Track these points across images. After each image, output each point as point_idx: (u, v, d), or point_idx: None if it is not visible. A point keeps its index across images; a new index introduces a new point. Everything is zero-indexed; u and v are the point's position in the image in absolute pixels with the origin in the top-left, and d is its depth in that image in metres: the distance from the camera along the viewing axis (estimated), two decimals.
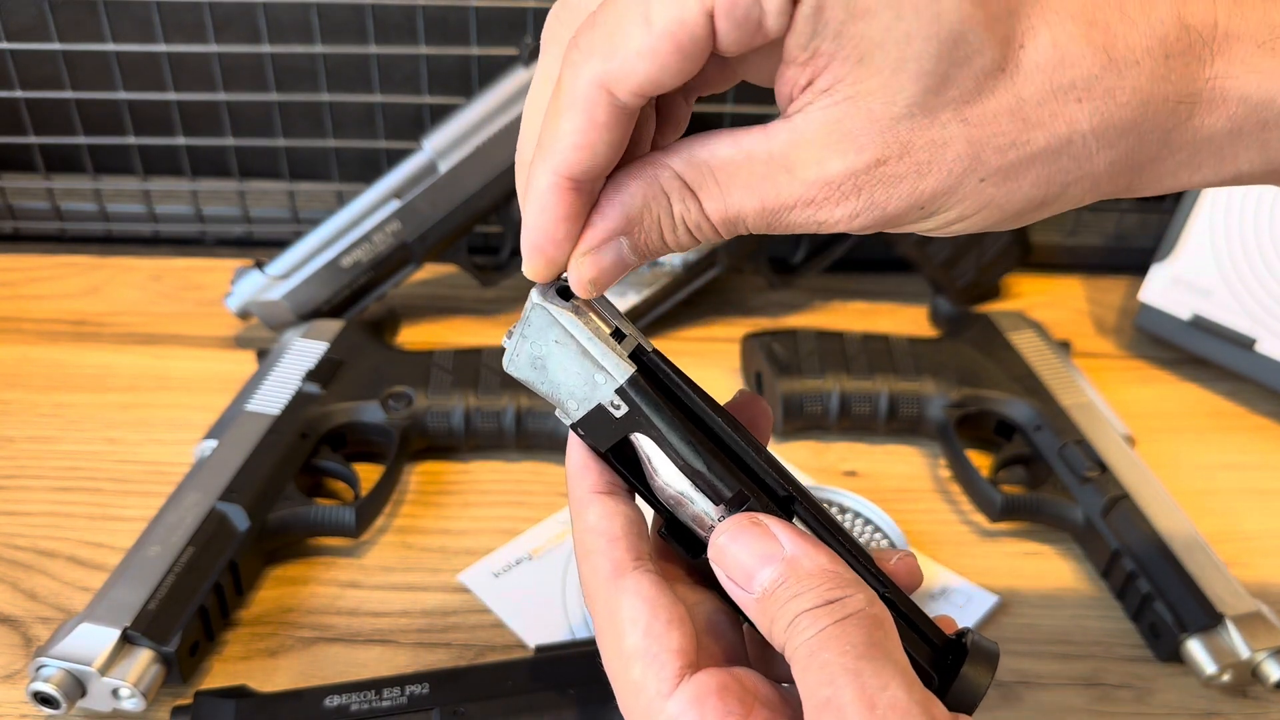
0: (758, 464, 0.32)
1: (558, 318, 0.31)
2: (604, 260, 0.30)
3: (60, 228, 0.83)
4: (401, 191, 0.72)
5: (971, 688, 0.31)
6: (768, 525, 0.31)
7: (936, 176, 0.28)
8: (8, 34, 0.76)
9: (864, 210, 0.29)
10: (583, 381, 0.32)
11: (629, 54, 0.27)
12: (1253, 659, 0.50)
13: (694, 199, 0.30)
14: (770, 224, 0.30)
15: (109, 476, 0.62)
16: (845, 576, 0.30)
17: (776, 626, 0.30)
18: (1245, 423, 0.71)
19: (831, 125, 0.28)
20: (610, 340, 0.32)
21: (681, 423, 0.32)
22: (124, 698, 0.47)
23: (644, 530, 0.34)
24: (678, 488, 0.32)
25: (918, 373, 0.67)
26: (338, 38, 0.78)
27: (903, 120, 0.27)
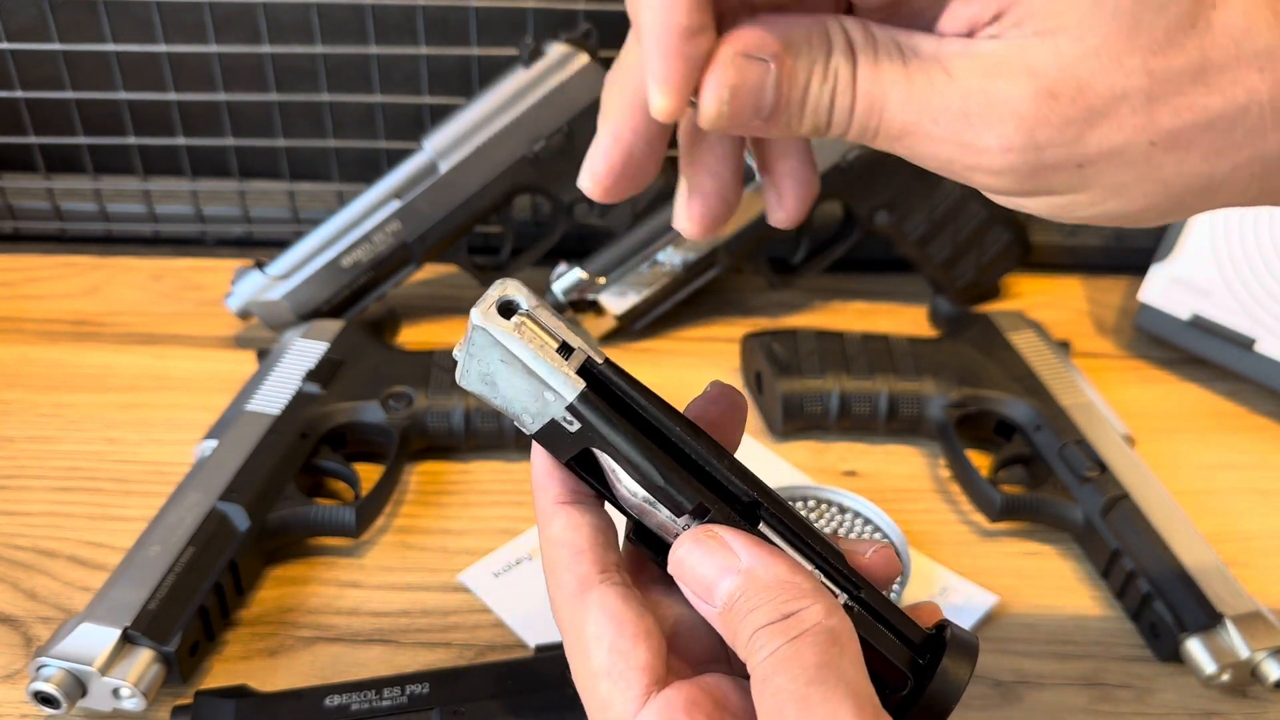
0: (719, 471, 0.32)
1: (499, 338, 0.30)
2: (750, 73, 0.27)
3: (60, 228, 0.83)
4: (402, 192, 0.72)
5: (949, 684, 0.31)
6: (724, 537, 0.30)
7: (1106, 128, 0.26)
8: (8, 34, 0.76)
9: (1019, 147, 0.27)
10: (533, 398, 0.31)
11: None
12: (1252, 659, 0.50)
13: (851, 60, 0.27)
14: (909, 126, 0.27)
15: (109, 476, 0.62)
16: (803, 586, 0.29)
17: (739, 640, 0.29)
18: (1245, 423, 0.71)
19: (1012, 53, 0.26)
20: (556, 357, 0.31)
21: (635, 436, 0.31)
22: (124, 697, 0.47)
23: (612, 539, 0.33)
24: (640, 498, 0.32)
25: (918, 373, 0.67)
26: (338, 38, 0.78)
27: (1088, 59, 0.26)
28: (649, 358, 0.75)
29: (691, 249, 0.74)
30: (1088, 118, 0.26)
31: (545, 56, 0.72)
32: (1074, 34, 0.26)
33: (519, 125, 0.72)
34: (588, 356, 0.31)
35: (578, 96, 0.72)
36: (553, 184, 0.75)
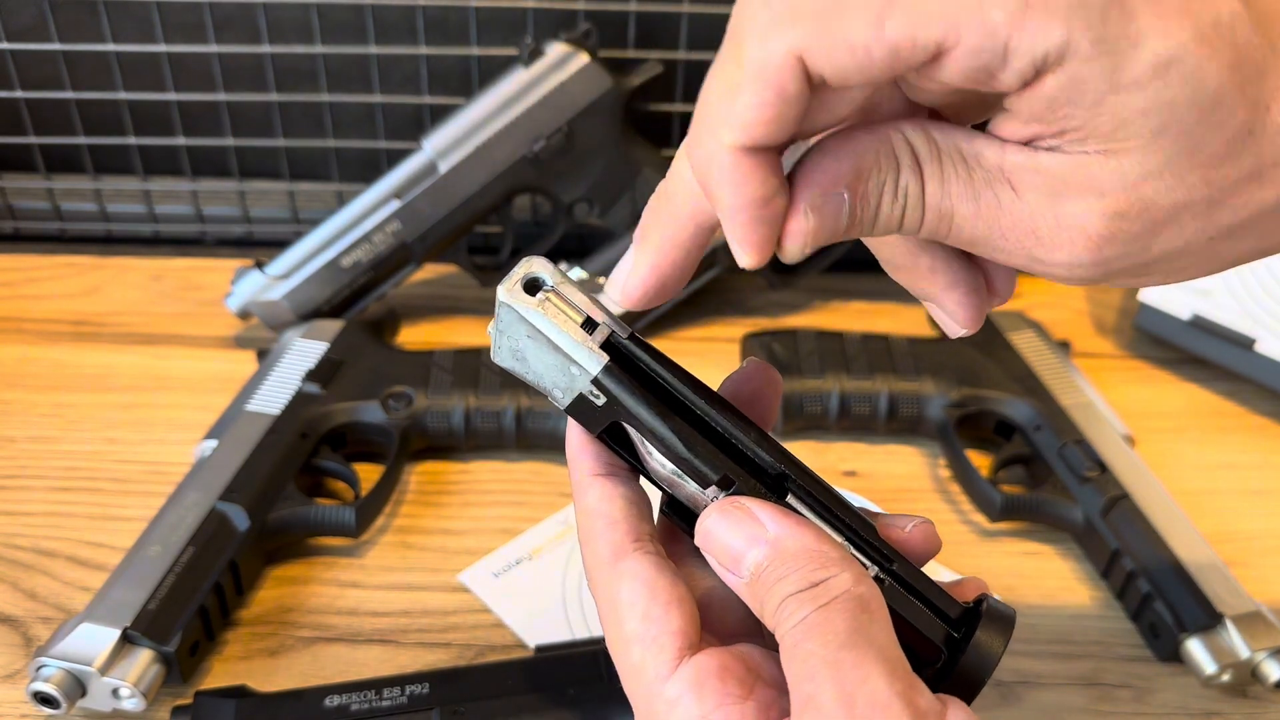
0: (745, 444, 0.32)
1: (524, 314, 0.31)
2: (828, 210, 0.28)
3: (60, 228, 0.83)
4: (401, 191, 0.72)
5: (983, 656, 0.31)
6: (750, 508, 0.31)
7: (1169, 237, 0.27)
8: (8, 34, 0.76)
9: (1088, 263, 0.28)
10: (561, 373, 0.32)
11: (840, 41, 0.25)
12: (1252, 659, 0.50)
13: (919, 175, 0.28)
14: (979, 238, 0.28)
15: (109, 476, 0.62)
16: (831, 555, 0.30)
17: (767, 609, 0.30)
18: (1245, 423, 0.71)
19: (1076, 169, 0.27)
20: (580, 332, 0.31)
21: (660, 409, 0.31)
22: (124, 697, 0.47)
23: (646, 511, 0.34)
24: (669, 470, 0.32)
25: (917, 373, 0.67)
26: (338, 38, 0.78)
27: (1150, 179, 0.26)
28: None
29: None
30: (1152, 230, 0.27)
31: (545, 56, 0.72)
32: (1137, 156, 0.26)
33: (519, 125, 0.72)
34: (612, 330, 0.32)
35: (578, 96, 0.72)
36: (553, 184, 0.75)
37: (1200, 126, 0.26)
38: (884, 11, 0.25)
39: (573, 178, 0.75)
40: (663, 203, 0.31)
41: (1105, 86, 0.25)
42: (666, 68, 0.78)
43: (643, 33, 0.78)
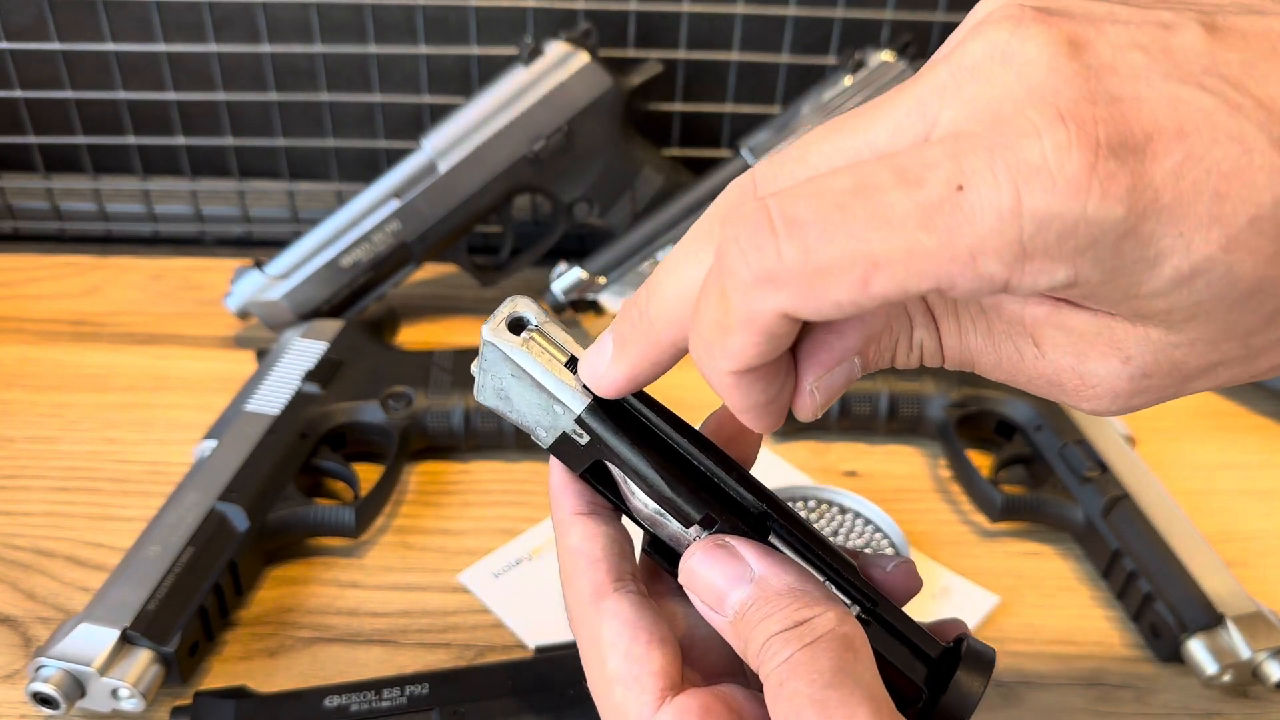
0: (727, 483, 0.32)
1: (509, 353, 0.31)
2: (835, 382, 0.28)
3: (60, 228, 0.83)
4: (401, 191, 0.72)
5: (963, 696, 0.31)
6: (735, 546, 0.30)
7: (1201, 385, 0.27)
8: (7, 34, 0.76)
9: (1116, 410, 0.27)
10: (544, 412, 0.32)
11: (826, 302, 0.23)
12: (1253, 659, 0.50)
13: (934, 331, 0.28)
14: (1005, 381, 0.28)
15: (108, 476, 0.62)
16: (815, 594, 0.29)
17: (751, 649, 0.29)
18: (1245, 423, 0.71)
19: (1100, 330, 0.26)
20: (564, 371, 0.31)
21: (644, 449, 0.31)
22: (123, 698, 0.47)
23: (628, 550, 0.33)
24: (651, 509, 0.32)
25: (918, 373, 0.67)
26: (337, 37, 0.78)
27: (1181, 347, 0.25)
28: None
29: None
30: (1183, 383, 0.26)
31: (545, 56, 0.72)
32: (1165, 330, 0.25)
33: (519, 125, 0.72)
34: None
35: (577, 96, 0.72)
36: (553, 184, 0.75)
37: (1235, 312, 0.24)
38: (869, 275, 0.23)
39: (573, 177, 0.75)
40: (643, 324, 0.30)
41: (1121, 298, 0.24)
42: (666, 67, 0.78)
43: (643, 32, 0.78)
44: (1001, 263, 0.22)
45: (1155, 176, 0.22)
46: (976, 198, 0.22)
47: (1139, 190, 0.22)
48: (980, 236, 0.22)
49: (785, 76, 0.81)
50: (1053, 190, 0.21)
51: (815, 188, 0.23)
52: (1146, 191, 0.22)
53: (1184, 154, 0.22)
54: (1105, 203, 0.21)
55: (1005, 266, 0.22)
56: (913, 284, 0.23)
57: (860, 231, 0.22)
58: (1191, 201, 0.22)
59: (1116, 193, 0.22)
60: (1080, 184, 0.21)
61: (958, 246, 0.22)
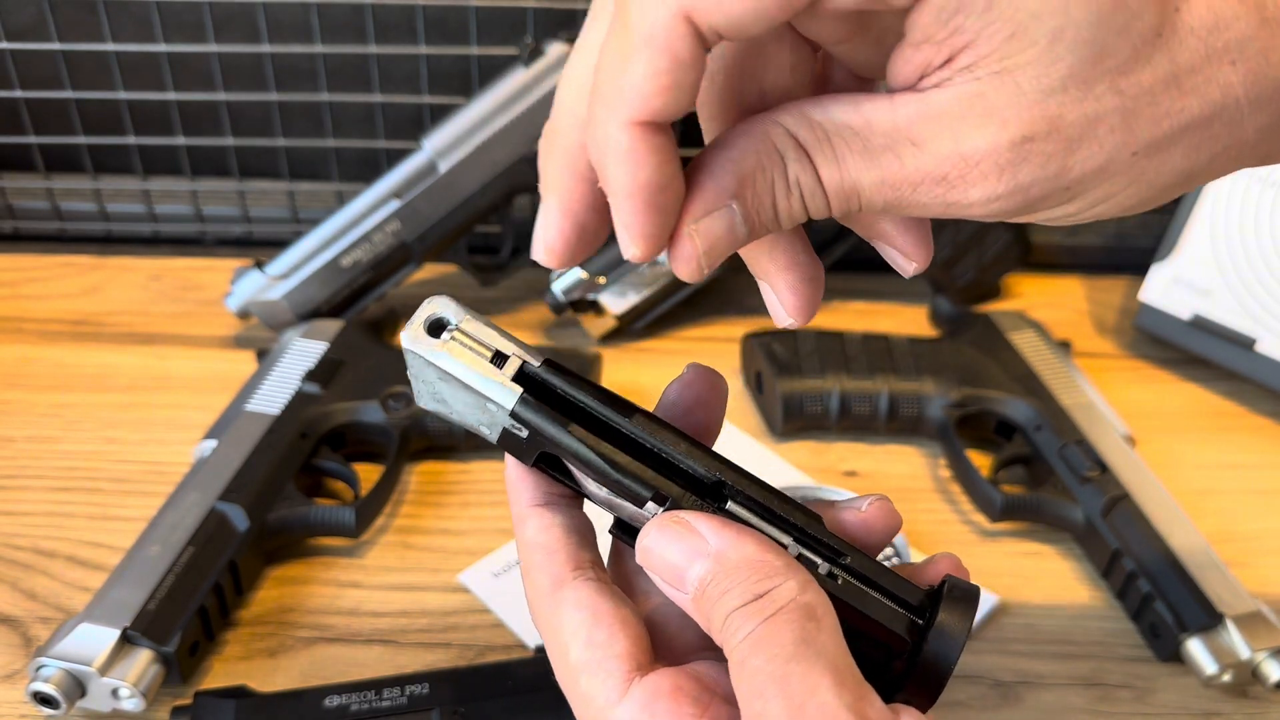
0: (675, 457, 0.31)
1: (430, 359, 0.30)
2: (716, 228, 0.27)
3: (60, 227, 0.83)
4: (401, 191, 0.72)
5: (947, 638, 0.30)
6: (688, 521, 0.30)
7: (1087, 153, 0.26)
8: (8, 34, 0.76)
9: (1005, 194, 0.26)
10: (480, 410, 0.31)
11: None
12: (1253, 659, 0.50)
13: (809, 162, 0.27)
14: (890, 201, 0.27)
15: (109, 476, 0.62)
16: (775, 564, 0.29)
17: (714, 625, 0.29)
18: (1245, 423, 0.71)
19: (972, 100, 0.25)
20: (489, 367, 0.31)
21: (581, 434, 0.31)
22: (124, 698, 0.47)
23: (587, 538, 0.33)
24: (604, 494, 0.31)
25: (918, 373, 0.67)
26: (337, 37, 0.78)
27: (1055, 94, 0.25)
28: (649, 358, 0.75)
29: None
30: (1066, 149, 0.26)
31: (545, 56, 0.72)
32: (1035, 70, 0.25)
33: (519, 125, 0.72)
34: (524, 361, 0.31)
35: None
36: None
37: (1101, 30, 0.25)
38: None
39: None
40: (554, 139, 0.29)
41: None
42: None
43: None
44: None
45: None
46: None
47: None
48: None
49: None
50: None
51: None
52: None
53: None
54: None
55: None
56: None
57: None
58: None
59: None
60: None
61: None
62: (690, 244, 0.27)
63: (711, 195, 0.27)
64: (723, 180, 0.27)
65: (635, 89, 0.25)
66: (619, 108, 0.25)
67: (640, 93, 0.25)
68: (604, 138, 0.26)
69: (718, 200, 0.27)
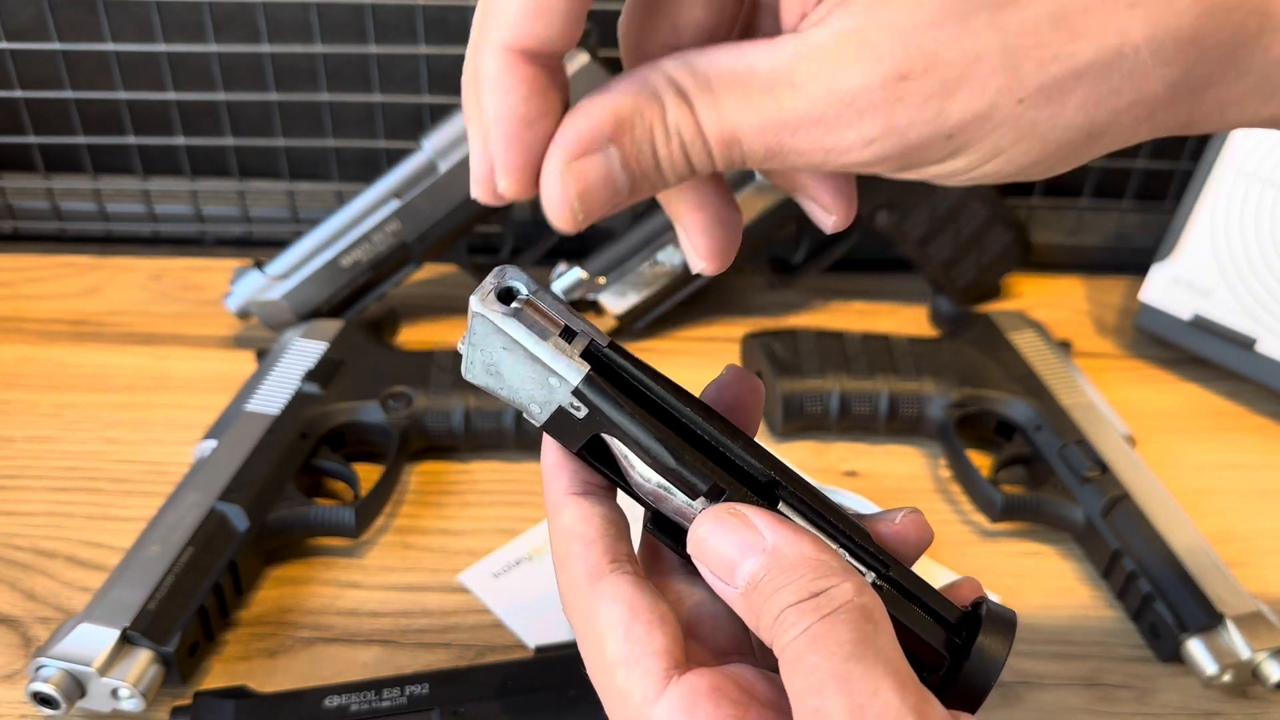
0: (734, 452, 0.31)
1: (500, 324, 0.29)
2: (591, 171, 0.26)
3: (60, 227, 0.83)
4: (401, 191, 0.72)
5: (987, 661, 0.30)
6: (747, 515, 0.29)
7: (967, 95, 0.25)
8: (7, 34, 0.76)
9: (881, 135, 0.25)
10: (539, 385, 0.30)
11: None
12: (1253, 659, 0.50)
13: (689, 107, 0.26)
14: (771, 148, 0.26)
15: (108, 476, 0.62)
16: (832, 564, 0.28)
17: (764, 621, 0.28)
18: (1245, 423, 0.71)
19: (847, 37, 0.25)
20: (559, 341, 0.30)
21: (645, 418, 0.30)
22: (123, 698, 0.47)
23: (623, 530, 0.32)
24: (654, 483, 0.31)
25: (918, 373, 0.67)
26: (337, 37, 0.78)
27: (929, 28, 0.24)
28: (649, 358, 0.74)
29: None
30: (944, 89, 0.25)
31: None
32: (908, 4, 0.24)
33: None
34: (592, 339, 0.30)
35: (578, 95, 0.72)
36: None
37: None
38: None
39: None
40: (466, 70, 0.28)
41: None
42: None
43: None
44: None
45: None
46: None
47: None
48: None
49: None
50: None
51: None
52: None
53: None
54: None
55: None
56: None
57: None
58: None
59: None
60: None
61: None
62: (562, 187, 0.26)
63: (587, 136, 0.26)
64: (598, 120, 0.26)
65: (506, 12, 0.25)
66: (492, 31, 0.25)
67: (510, 16, 0.25)
68: (479, 63, 0.26)
69: (592, 142, 0.26)
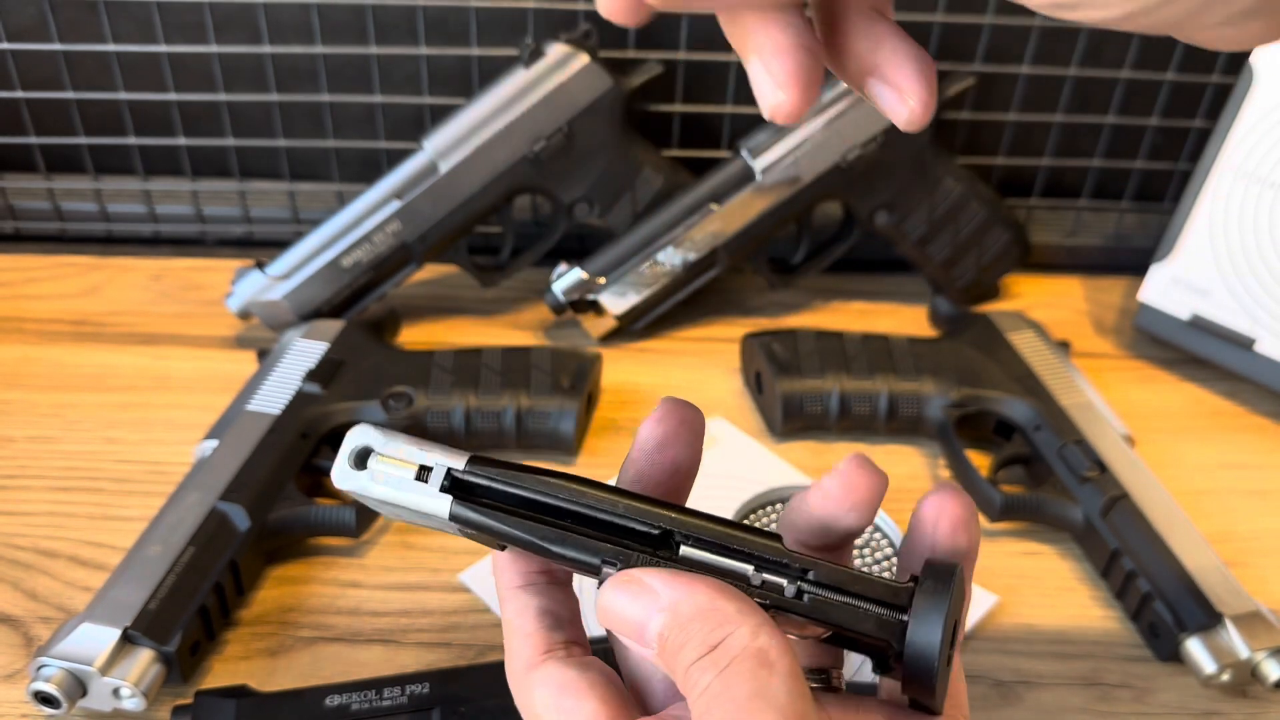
0: (616, 516, 0.31)
1: (360, 491, 0.32)
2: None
3: (61, 228, 0.83)
4: (402, 192, 0.72)
5: (924, 626, 0.29)
6: (640, 578, 0.30)
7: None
8: (8, 34, 0.76)
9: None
10: (431, 519, 0.32)
11: None
12: (1252, 659, 0.50)
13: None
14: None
15: (109, 476, 0.62)
16: (727, 610, 0.29)
17: (678, 677, 0.29)
18: (1245, 423, 0.71)
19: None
20: (416, 485, 0.31)
21: (517, 522, 0.31)
22: (125, 697, 0.47)
23: (563, 618, 0.33)
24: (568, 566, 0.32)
25: (917, 373, 0.67)
26: (338, 38, 0.78)
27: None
28: (649, 358, 0.75)
29: (691, 249, 0.74)
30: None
31: (545, 57, 0.72)
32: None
33: (519, 125, 0.72)
34: (448, 468, 0.32)
35: (578, 97, 0.72)
36: (553, 184, 0.75)
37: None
38: None
39: (573, 178, 0.75)
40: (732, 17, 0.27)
41: None
42: (666, 68, 0.78)
43: (643, 33, 0.78)
44: None
45: None
46: None
47: None
48: None
49: None
50: None
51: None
52: None
53: None
54: None
55: None
56: None
57: None
58: None
59: None
60: None
61: None
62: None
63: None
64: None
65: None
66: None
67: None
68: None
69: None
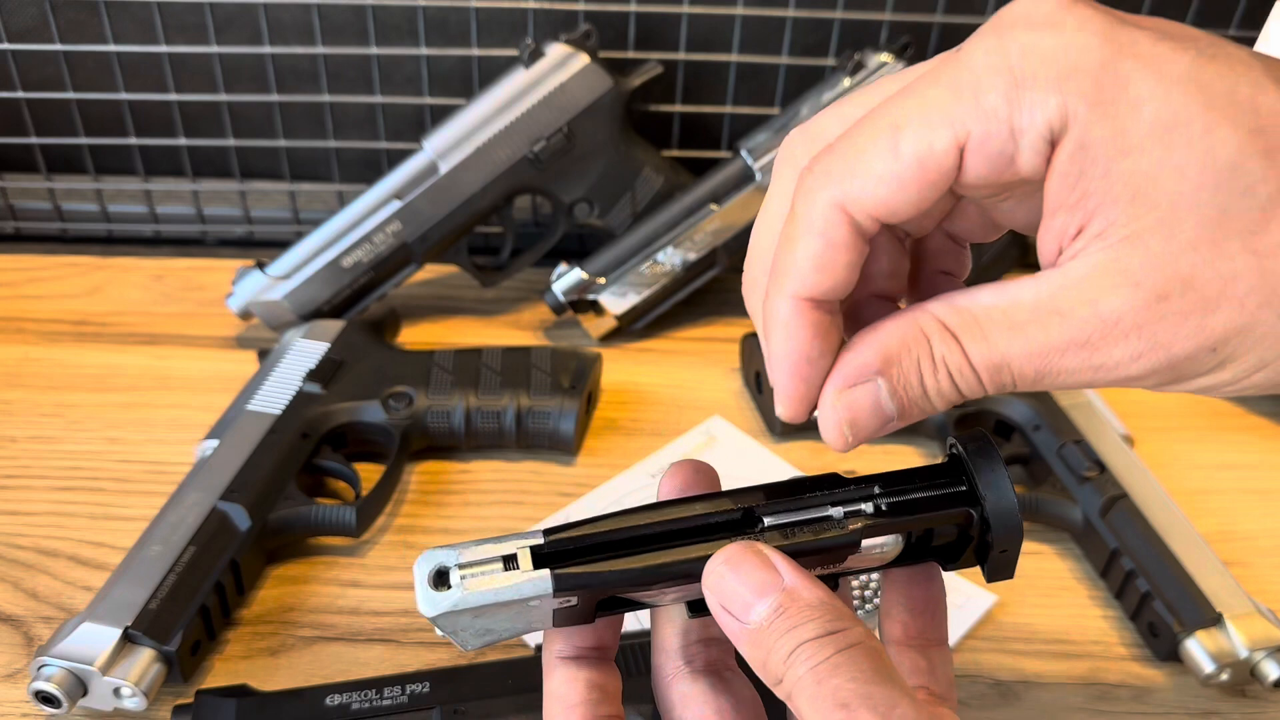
0: (699, 519, 0.32)
1: (457, 608, 0.30)
2: (860, 401, 0.29)
3: (62, 228, 0.83)
4: (402, 192, 0.72)
5: (995, 486, 0.31)
6: (765, 551, 0.30)
7: (1227, 311, 0.26)
8: (9, 35, 0.77)
9: (1147, 351, 0.27)
10: (526, 614, 0.31)
11: (870, 178, 0.27)
12: (1251, 658, 0.51)
13: (955, 342, 0.29)
14: (1041, 371, 0.28)
15: (110, 476, 0.62)
16: (845, 610, 0.30)
17: (774, 657, 0.29)
18: (1244, 423, 0.71)
19: (1108, 265, 0.27)
20: (511, 575, 0.30)
21: (618, 565, 0.31)
22: (125, 697, 0.47)
23: (608, 692, 0.34)
24: (670, 597, 0.32)
25: None
26: (339, 39, 0.78)
27: (1185, 253, 0.26)
28: (649, 358, 0.75)
29: (691, 249, 0.74)
30: (1204, 306, 0.26)
31: (545, 57, 0.72)
32: (1162, 233, 0.26)
33: (519, 126, 0.72)
34: (530, 547, 0.31)
35: (578, 97, 0.73)
36: (553, 184, 0.75)
37: (1221, 194, 0.25)
38: (895, 136, 0.27)
39: (573, 178, 0.75)
40: (753, 289, 0.32)
41: (1112, 151, 0.26)
42: (666, 68, 0.78)
43: (643, 33, 0.78)
44: (998, 93, 0.26)
45: (1134, 22, 0.26)
46: (968, 53, 0.27)
47: (1113, 30, 0.26)
48: (976, 73, 0.27)
49: (784, 78, 0.81)
50: (1030, 26, 0.26)
51: None
52: (1122, 33, 0.26)
53: None
54: (1080, 33, 0.26)
55: (1003, 96, 0.26)
56: (934, 136, 0.27)
57: (885, 109, 0.28)
58: (1169, 58, 0.26)
59: (1091, 28, 0.26)
60: (1055, 18, 0.26)
61: (961, 85, 0.27)
62: (834, 412, 0.30)
63: (853, 369, 0.29)
64: (866, 356, 0.29)
65: (797, 268, 0.29)
66: (784, 283, 0.29)
67: (800, 271, 0.29)
68: (770, 307, 0.30)
69: (860, 374, 0.29)
